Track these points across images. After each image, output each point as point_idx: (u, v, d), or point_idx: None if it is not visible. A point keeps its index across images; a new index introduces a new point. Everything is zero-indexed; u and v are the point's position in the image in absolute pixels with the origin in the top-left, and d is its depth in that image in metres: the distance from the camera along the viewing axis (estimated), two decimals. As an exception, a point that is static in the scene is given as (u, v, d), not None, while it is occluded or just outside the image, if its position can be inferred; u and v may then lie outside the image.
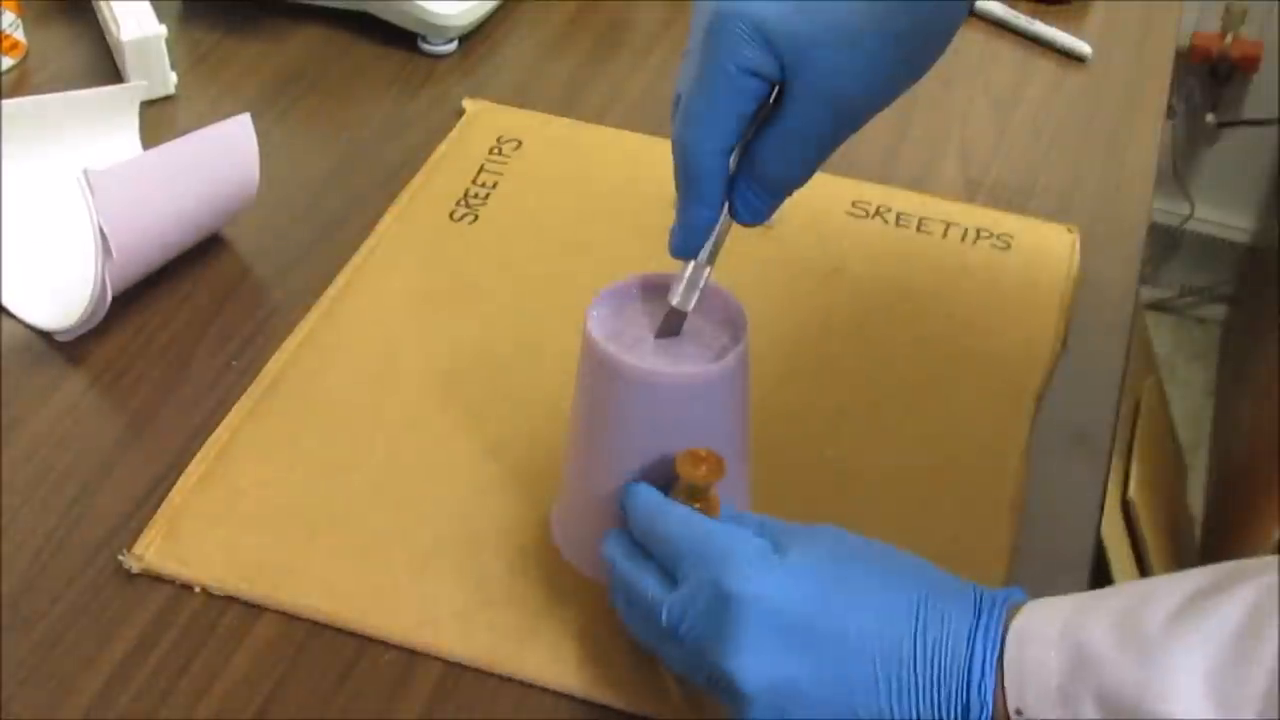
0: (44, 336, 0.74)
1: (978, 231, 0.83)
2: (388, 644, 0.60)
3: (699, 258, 0.57)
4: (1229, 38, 1.89)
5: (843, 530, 0.55)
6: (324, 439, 0.69)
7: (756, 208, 0.55)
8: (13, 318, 0.75)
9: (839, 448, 0.70)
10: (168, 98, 0.91)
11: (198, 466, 0.67)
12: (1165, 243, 2.09)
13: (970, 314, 0.78)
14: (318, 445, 0.68)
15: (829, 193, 0.85)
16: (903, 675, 0.50)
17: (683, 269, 0.57)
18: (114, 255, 0.69)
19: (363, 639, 0.60)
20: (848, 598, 0.52)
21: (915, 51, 0.53)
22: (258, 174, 0.77)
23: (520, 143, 0.88)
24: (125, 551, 0.63)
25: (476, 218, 0.82)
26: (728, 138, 0.53)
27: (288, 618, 0.61)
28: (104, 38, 0.95)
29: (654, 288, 0.60)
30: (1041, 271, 0.81)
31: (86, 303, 0.71)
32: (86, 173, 0.68)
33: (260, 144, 0.77)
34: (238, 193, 0.78)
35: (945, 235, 0.83)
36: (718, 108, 0.52)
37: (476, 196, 0.84)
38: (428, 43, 0.97)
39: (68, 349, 0.73)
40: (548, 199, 0.84)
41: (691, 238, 0.56)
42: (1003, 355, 0.75)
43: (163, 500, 0.65)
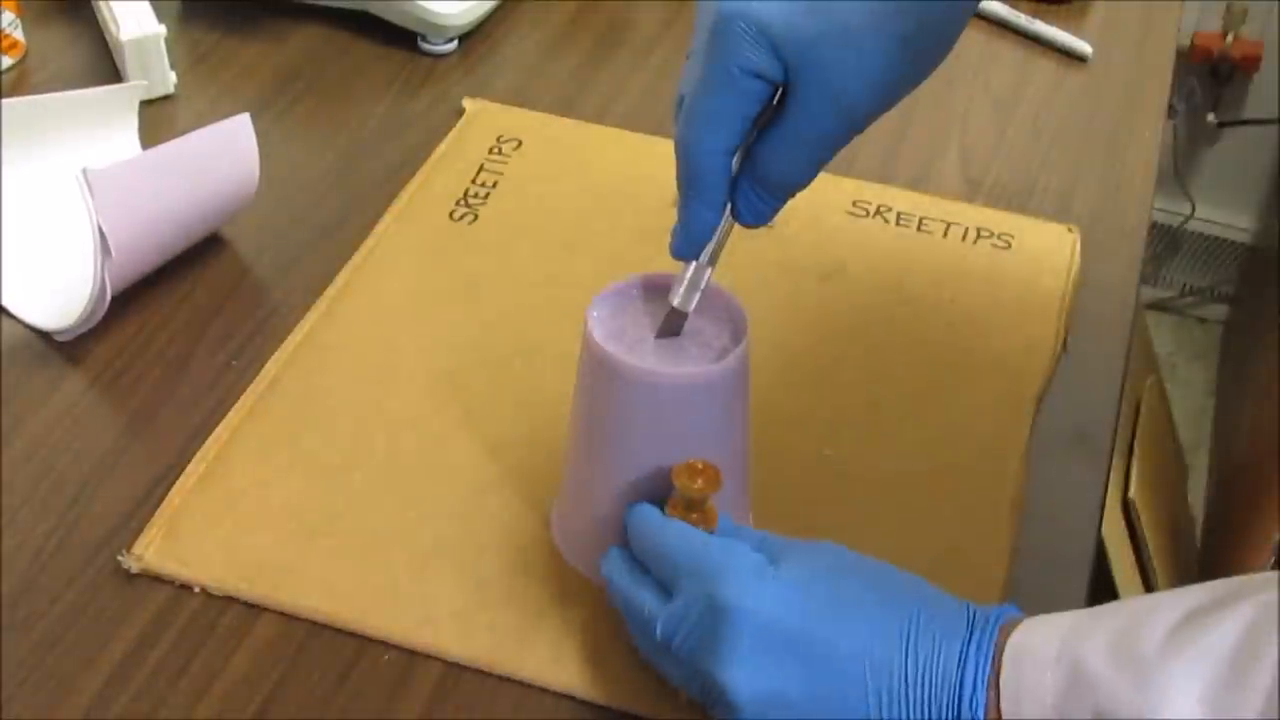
0: (44, 336, 0.74)
1: (978, 231, 0.83)
2: (388, 644, 0.60)
3: (700, 259, 0.57)
4: (1230, 37, 1.88)
5: (842, 547, 0.55)
6: (324, 439, 0.69)
7: (759, 209, 0.55)
8: (12, 318, 0.75)
9: (839, 448, 0.70)
10: (167, 97, 0.91)
11: (197, 466, 0.67)
12: (1166, 243, 2.10)
13: (970, 314, 0.78)
14: (318, 445, 0.68)
15: (829, 193, 0.85)
16: (894, 690, 0.50)
17: (683, 269, 0.57)
18: (113, 255, 0.69)
19: (363, 639, 0.60)
20: (841, 612, 0.52)
21: (919, 53, 0.53)
22: (257, 174, 0.77)
23: (520, 143, 0.88)
24: (125, 552, 0.63)
25: (476, 218, 0.82)
26: (731, 139, 0.53)
27: (287, 618, 0.61)
28: (103, 37, 0.95)
29: (654, 288, 0.60)
30: (1042, 271, 0.81)
31: (86, 302, 0.71)
32: (86, 172, 0.68)
33: (260, 144, 0.77)
34: (237, 193, 0.78)
35: (945, 235, 0.83)
36: (721, 109, 0.52)
37: (476, 196, 0.84)
38: (428, 42, 0.97)
39: (67, 349, 0.73)
40: (547, 199, 0.84)
41: (693, 239, 0.56)
42: (1003, 355, 0.75)
43: (162, 500, 0.65)
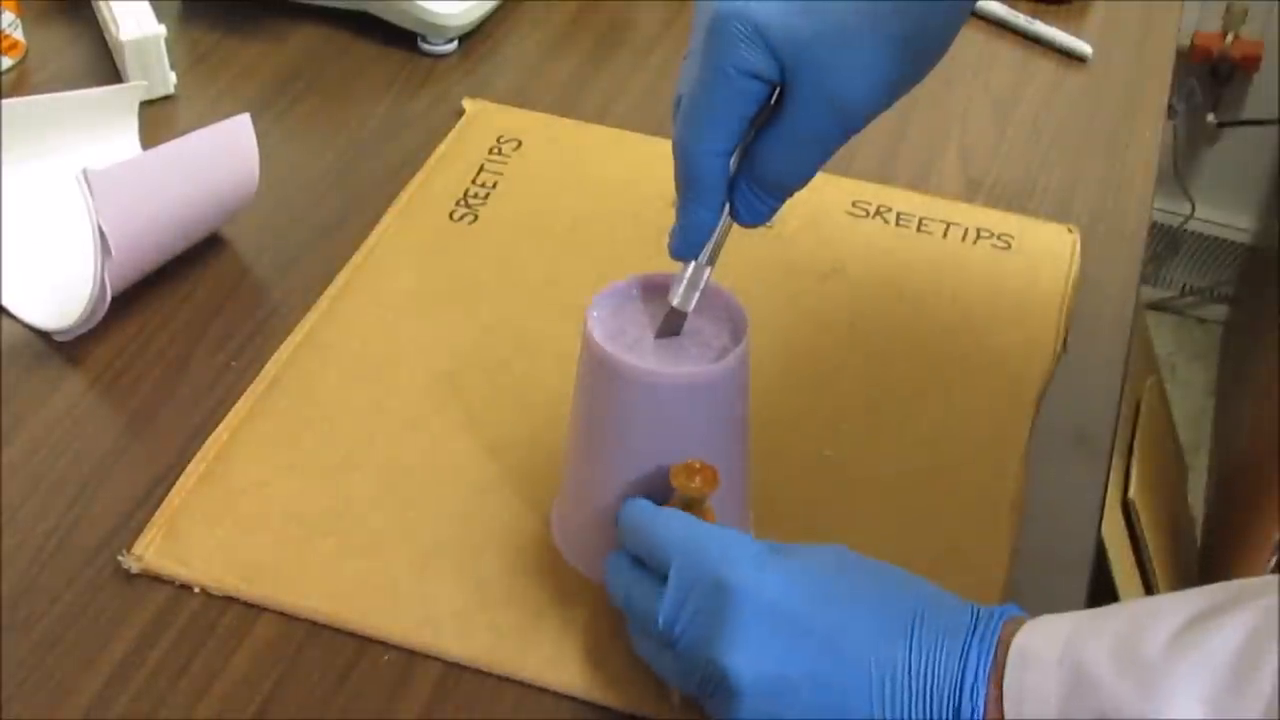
0: (43, 336, 0.74)
1: (978, 231, 0.83)
2: (387, 644, 0.60)
3: (699, 258, 0.57)
4: (1230, 37, 1.89)
5: (843, 547, 0.55)
6: (324, 439, 0.69)
7: (757, 209, 0.55)
8: (12, 318, 0.75)
9: (839, 448, 0.69)
10: (167, 98, 0.91)
11: (197, 467, 0.67)
12: (1166, 243, 2.10)
13: (970, 314, 0.78)
14: (318, 445, 0.68)
15: (829, 193, 0.85)
16: (898, 679, 0.50)
17: (683, 269, 0.57)
18: (113, 255, 0.69)
19: (363, 639, 0.60)
20: (846, 600, 0.52)
21: (916, 53, 0.53)
22: (257, 174, 0.77)
23: (520, 143, 0.88)
24: (125, 552, 0.63)
25: (476, 218, 0.82)
26: (729, 139, 0.53)
27: (287, 618, 0.61)
28: (103, 37, 0.95)
29: (654, 288, 0.60)
30: (1042, 271, 0.81)
31: (86, 303, 0.71)
32: (86, 172, 0.68)
33: (260, 144, 0.77)
34: (237, 193, 0.78)
35: (945, 235, 0.83)
36: (718, 109, 0.52)
37: (476, 196, 0.84)
38: (428, 42, 0.97)
39: (67, 349, 0.73)
40: (547, 199, 0.84)
41: (692, 239, 0.56)
42: (1003, 355, 0.75)
43: (162, 500, 0.65)
